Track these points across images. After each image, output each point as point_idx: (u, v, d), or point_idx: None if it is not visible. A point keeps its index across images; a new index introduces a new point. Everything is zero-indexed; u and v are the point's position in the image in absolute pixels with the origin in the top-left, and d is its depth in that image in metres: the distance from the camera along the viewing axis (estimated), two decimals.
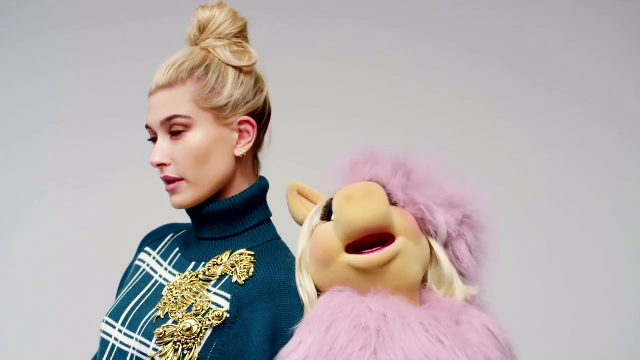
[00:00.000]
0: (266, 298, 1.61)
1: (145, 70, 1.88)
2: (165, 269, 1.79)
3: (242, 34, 1.76)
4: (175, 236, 1.89)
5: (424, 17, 3.35)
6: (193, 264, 1.75)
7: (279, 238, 1.76)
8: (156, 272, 1.80)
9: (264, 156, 1.82)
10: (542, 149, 3.23)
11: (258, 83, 1.76)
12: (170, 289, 1.71)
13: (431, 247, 1.64)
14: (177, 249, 1.82)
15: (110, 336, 1.74)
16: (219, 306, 1.64)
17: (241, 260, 1.68)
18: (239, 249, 1.72)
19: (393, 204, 1.62)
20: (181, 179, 1.70)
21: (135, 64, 2.93)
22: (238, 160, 1.73)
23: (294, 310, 1.60)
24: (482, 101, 3.28)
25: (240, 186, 1.74)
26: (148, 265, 1.84)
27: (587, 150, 3.21)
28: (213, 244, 1.75)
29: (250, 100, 1.73)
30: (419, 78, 3.32)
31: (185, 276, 1.72)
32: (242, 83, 1.72)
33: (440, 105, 3.28)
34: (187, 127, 1.68)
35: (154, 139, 1.74)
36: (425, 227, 1.64)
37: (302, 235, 1.67)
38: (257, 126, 1.75)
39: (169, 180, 1.71)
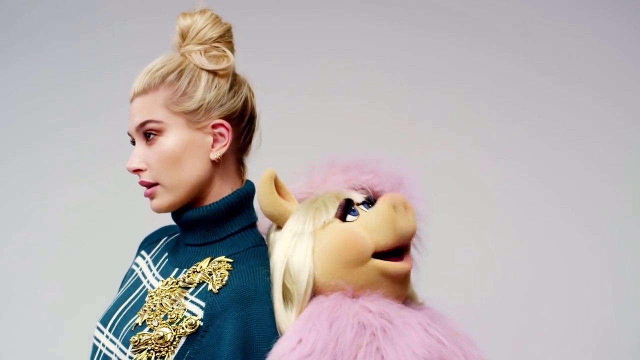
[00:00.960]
0: (237, 307, 1.58)
1: None
2: (153, 274, 1.76)
3: (222, 38, 1.75)
4: (168, 240, 1.86)
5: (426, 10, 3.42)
6: (176, 270, 1.72)
7: (261, 244, 1.73)
8: (145, 278, 1.77)
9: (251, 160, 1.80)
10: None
11: (234, 86, 1.75)
12: (152, 296, 1.68)
13: None
14: (166, 254, 1.79)
15: (99, 341, 1.71)
16: (193, 314, 1.61)
17: (218, 268, 1.66)
18: (218, 256, 1.69)
19: None
20: (156, 184, 1.69)
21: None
22: (215, 164, 1.71)
23: (264, 317, 1.58)
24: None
25: (220, 191, 1.72)
26: (140, 269, 1.81)
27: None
28: (195, 250, 1.73)
29: (224, 103, 1.71)
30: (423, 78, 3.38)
31: (167, 282, 1.69)
32: (215, 86, 1.71)
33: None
34: (159, 131, 1.67)
35: (134, 144, 1.73)
36: None
37: (299, 234, 1.62)
38: (236, 129, 1.73)
39: (145, 185, 1.70)
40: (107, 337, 1.71)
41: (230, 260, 1.67)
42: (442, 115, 3.33)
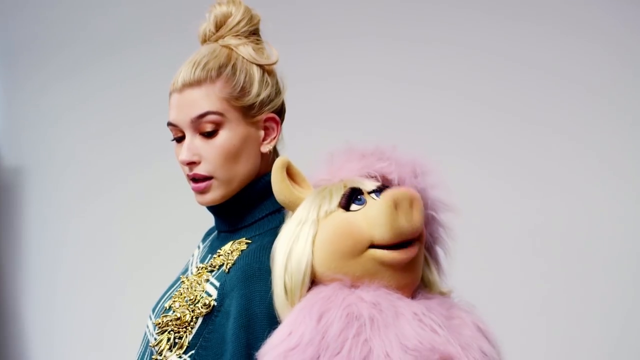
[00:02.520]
0: (241, 285, 1.61)
1: None
2: (195, 263, 1.82)
3: (257, 31, 1.79)
4: (212, 236, 1.92)
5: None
6: (209, 256, 1.77)
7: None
8: (190, 267, 1.83)
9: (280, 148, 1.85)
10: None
11: (279, 81, 1.79)
12: (183, 281, 1.74)
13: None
14: (210, 243, 1.85)
15: (147, 327, 1.80)
16: (209, 295, 1.66)
17: (236, 249, 1.70)
18: (240, 238, 1.73)
19: None
20: (211, 177, 1.71)
21: None
22: (263, 156, 1.76)
23: (267, 295, 1.60)
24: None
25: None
26: (191, 260, 1.88)
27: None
28: (226, 236, 1.78)
29: (274, 99, 1.76)
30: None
31: (198, 268, 1.75)
32: (267, 82, 1.75)
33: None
34: (218, 125, 1.70)
35: (178, 138, 1.75)
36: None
37: (303, 222, 1.62)
38: (280, 122, 1.78)
39: (198, 179, 1.72)
40: (151, 321, 1.78)
41: (249, 242, 1.71)
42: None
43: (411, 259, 1.59)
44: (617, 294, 3.07)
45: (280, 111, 1.81)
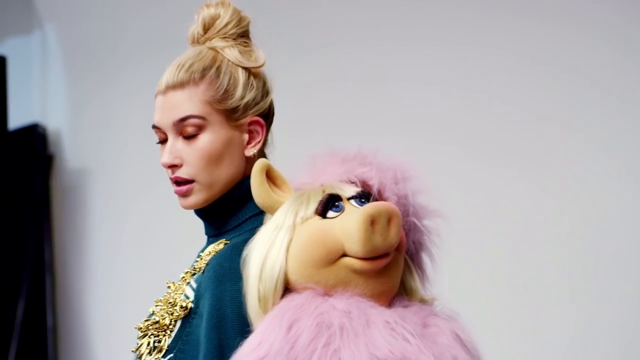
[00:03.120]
0: (212, 285, 1.60)
1: None
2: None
3: (245, 34, 1.77)
4: None
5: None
6: (195, 260, 1.76)
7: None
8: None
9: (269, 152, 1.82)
10: None
11: (266, 85, 1.77)
12: (169, 286, 1.73)
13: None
14: (202, 248, 1.83)
15: None
16: (187, 297, 1.65)
17: (214, 250, 1.69)
18: (221, 240, 1.72)
19: None
20: (193, 181, 1.70)
21: None
22: (248, 160, 1.74)
23: (238, 295, 1.58)
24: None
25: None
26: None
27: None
28: (213, 240, 1.76)
29: (259, 102, 1.74)
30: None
31: (184, 272, 1.73)
32: (252, 85, 1.73)
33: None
34: (200, 128, 1.68)
35: (162, 141, 1.74)
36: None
37: (279, 227, 1.59)
38: (266, 125, 1.76)
39: (179, 182, 1.71)
40: None
41: (228, 242, 1.69)
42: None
43: (386, 267, 1.56)
44: (625, 295, 2.97)
45: (268, 114, 1.78)
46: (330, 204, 1.59)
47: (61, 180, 4.47)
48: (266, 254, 1.58)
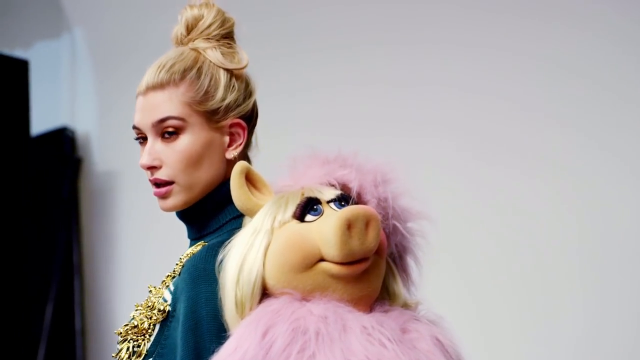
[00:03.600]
0: (187, 287, 1.57)
1: None
2: None
3: (229, 35, 1.75)
4: None
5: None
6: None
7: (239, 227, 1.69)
8: None
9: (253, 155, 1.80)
10: None
11: (248, 86, 1.75)
12: (151, 290, 1.71)
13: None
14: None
15: None
16: (165, 300, 1.63)
17: (191, 252, 1.67)
18: (199, 242, 1.70)
19: None
20: (172, 182, 1.68)
21: None
22: (229, 162, 1.71)
23: (214, 297, 1.55)
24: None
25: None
26: None
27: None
28: (193, 243, 1.74)
29: (241, 104, 1.72)
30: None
31: (165, 276, 1.72)
32: (233, 86, 1.71)
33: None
34: (179, 129, 1.67)
35: (141, 140, 1.72)
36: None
37: (257, 231, 1.56)
38: (248, 128, 1.74)
39: (158, 183, 1.69)
40: None
41: (205, 243, 1.67)
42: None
43: (366, 271, 1.53)
44: (630, 297, 2.91)
45: (250, 116, 1.76)
46: (308, 207, 1.56)
47: (89, 183, 4.49)
48: (244, 258, 1.55)
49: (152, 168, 1.70)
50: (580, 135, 3.05)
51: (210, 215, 1.72)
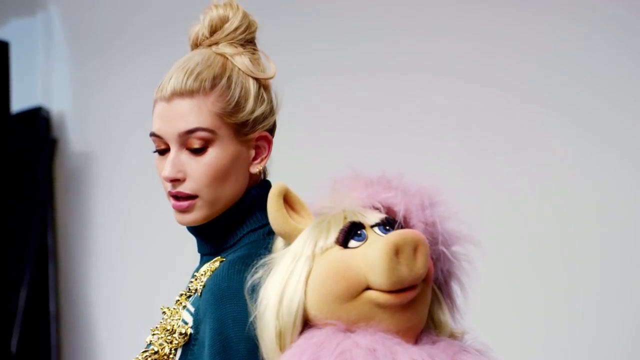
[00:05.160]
0: (212, 308, 1.50)
1: None
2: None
3: (252, 40, 1.66)
4: None
5: None
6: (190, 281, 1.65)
7: (258, 240, 1.62)
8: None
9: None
10: None
11: (275, 98, 1.67)
12: (164, 312, 1.62)
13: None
14: (196, 268, 1.72)
15: None
16: (185, 323, 1.55)
17: (209, 269, 1.58)
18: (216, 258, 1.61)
19: None
20: (195, 197, 1.59)
21: None
22: (251, 176, 1.64)
23: (241, 316, 1.48)
24: None
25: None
26: None
27: None
28: (209, 258, 1.65)
29: (267, 116, 1.64)
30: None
31: (179, 295, 1.63)
32: (262, 97, 1.63)
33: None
34: (208, 141, 1.58)
35: (162, 151, 1.62)
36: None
37: (297, 257, 1.49)
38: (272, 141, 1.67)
39: (180, 197, 1.59)
40: None
41: (223, 259, 1.59)
42: None
43: (413, 300, 1.46)
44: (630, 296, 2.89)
45: (272, 129, 1.68)
46: (352, 232, 1.49)
47: (65, 164, 4.38)
48: (284, 287, 1.48)
49: (175, 181, 1.60)
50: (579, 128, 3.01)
51: (228, 230, 1.64)
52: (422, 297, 1.49)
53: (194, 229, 1.66)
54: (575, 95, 2.99)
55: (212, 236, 1.65)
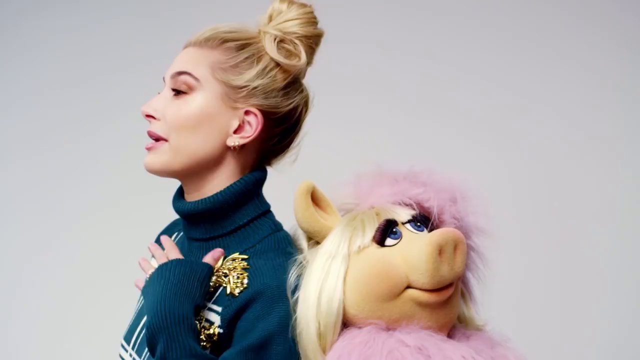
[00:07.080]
0: (261, 304, 1.47)
1: None
2: None
3: (307, 40, 1.63)
4: (179, 235, 1.73)
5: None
6: None
7: (278, 230, 1.60)
8: None
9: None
10: None
11: (289, 88, 1.63)
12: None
13: None
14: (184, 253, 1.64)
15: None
16: (211, 322, 1.51)
17: (234, 268, 1.53)
18: (231, 254, 1.56)
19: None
20: (165, 140, 1.57)
21: None
22: (229, 151, 1.59)
23: (286, 316, 1.47)
24: None
25: (229, 182, 1.59)
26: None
27: None
28: (201, 245, 1.60)
29: (269, 97, 1.59)
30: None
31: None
32: (270, 76, 1.59)
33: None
34: (191, 88, 1.56)
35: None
36: None
37: (333, 256, 1.48)
38: (269, 129, 1.62)
39: (152, 137, 1.58)
40: (131, 356, 1.63)
41: (245, 257, 1.56)
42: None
43: (449, 296, 1.48)
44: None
45: (279, 121, 1.64)
46: (388, 230, 1.48)
47: None
48: (321, 287, 1.47)
49: (149, 117, 1.60)
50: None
51: (223, 214, 1.59)
52: (456, 292, 1.51)
53: (184, 214, 1.62)
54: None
55: (203, 221, 1.60)
